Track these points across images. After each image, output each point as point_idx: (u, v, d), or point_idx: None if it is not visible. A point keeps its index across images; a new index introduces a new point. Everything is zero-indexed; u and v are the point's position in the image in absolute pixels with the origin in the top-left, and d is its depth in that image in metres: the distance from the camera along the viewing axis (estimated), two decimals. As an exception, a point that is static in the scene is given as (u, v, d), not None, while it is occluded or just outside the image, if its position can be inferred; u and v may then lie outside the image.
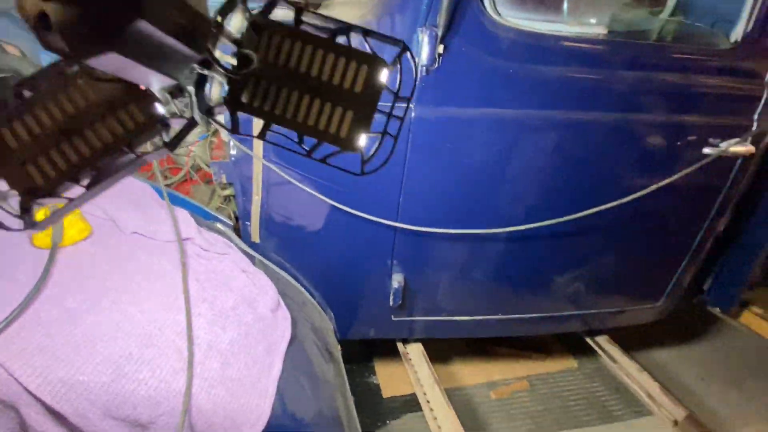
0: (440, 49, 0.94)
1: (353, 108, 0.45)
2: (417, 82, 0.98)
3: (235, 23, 0.43)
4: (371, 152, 0.48)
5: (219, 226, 1.16)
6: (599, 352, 1.88)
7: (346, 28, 0.45)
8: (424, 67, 0.95)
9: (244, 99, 0.45)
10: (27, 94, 0.44)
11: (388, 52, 0.44)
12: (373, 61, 0.44)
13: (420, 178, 1.12)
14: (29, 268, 0.71)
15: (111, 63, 0.34)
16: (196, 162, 1.48)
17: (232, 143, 1.11)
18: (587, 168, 1.21)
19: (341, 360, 1.18)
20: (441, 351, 1.84)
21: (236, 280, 0.97)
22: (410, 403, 1.63)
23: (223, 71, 0.43)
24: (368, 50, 0.44)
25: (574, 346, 1.99)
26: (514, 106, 1.07)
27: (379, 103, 0.44)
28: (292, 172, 1.09)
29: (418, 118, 1.04)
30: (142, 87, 0.43)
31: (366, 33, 0.46)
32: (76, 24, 0.31)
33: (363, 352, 1.88)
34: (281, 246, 1.21)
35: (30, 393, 0.61)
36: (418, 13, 0.94)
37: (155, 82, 0.41)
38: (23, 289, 0.68)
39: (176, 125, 0.46)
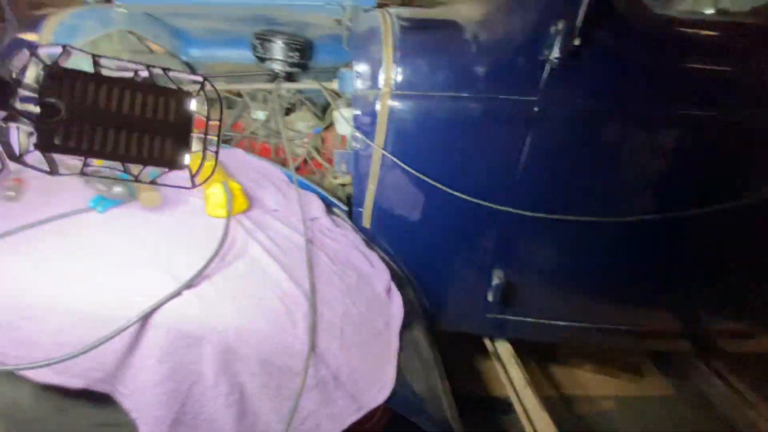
0: (577, 41, 0.93)
1: (172, 134, 0.51)
2: (546, 76, 0.99)
3: (31, 75, 0.46)
4: (198, 168, 0.55)
5: (336, 210, 1.26)
6: (710, 378, 1.68)
7: (147, 67, 0.49)
8: (557, 60, 0.95)
9: (57, 141, 0.48)
10: None
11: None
12: (179, 94, 0.50)
13: (539, 167, 1.12)
14: (208, 234, 0.84)
15: None
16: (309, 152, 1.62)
17: (355, 136, 1.20)
18: (721, 163, 1.11)
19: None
20: (520, 356, 1.79)
21: (356, 258, 1.05)
22: (496, 403, 1.61)
23: (29, 122, 0.45)
24: (173, 85, 0.49)
25: (670, 368, 1.81)
26: (647, 99, 1.03)
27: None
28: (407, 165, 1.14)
29: (543, 111, 1.04)
30: None
31: (166, 70, 0.51)
32: None
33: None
34: (387, 232, 1.27)
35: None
36: (553, 4, 0.94)
37: None
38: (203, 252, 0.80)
39: None
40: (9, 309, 0.66)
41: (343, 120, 1.41)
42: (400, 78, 1.05)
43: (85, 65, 0.51)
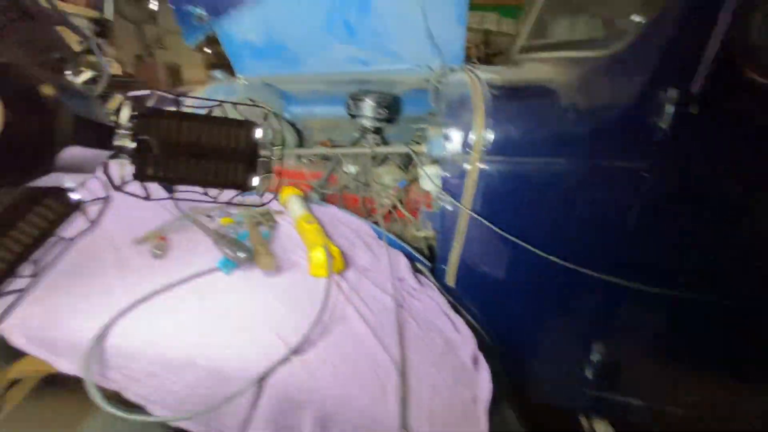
0: (694, 110, 0.85)
1: (241, 160, 0.56)
2: (655, 142, 0.92)
3: (125, 116, 0.51)
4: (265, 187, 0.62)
5: (419, 266, 1.28)
6: None
7: (220, 103, 0.56)
8: (669, 128, 0.88)
9: (149, 172, 0.55)
10: None
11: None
12: (246, 125, 0.55)
13: (644, 235, 1.02)
14: (311, 296, 0.92)
15: (49, 180, 0.40)
16: (392, 202, 1.69)
17: (441, 196, 1.23)
18: None
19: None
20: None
21: (441, 322, 1.04)
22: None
23: (129, 157, 0.51)
24: (240, 117, 0.55)
25: None
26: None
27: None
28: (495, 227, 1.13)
29: (652, 178, 0.96)
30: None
31: (235, 104, 0.59)
32: (17, 162, 0.37)
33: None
34: (473, 292, 1.25)
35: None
36: (664, 70, 0.88)
37: (74, 182, 0.46)
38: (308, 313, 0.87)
39: (93, 205, 0.54)
40: (153, 361, 0.78)
41: (428, 177, 1.45)
42: (491, 143, 1.06)
43: None
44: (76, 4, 4.27)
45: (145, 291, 0.87)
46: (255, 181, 0.62)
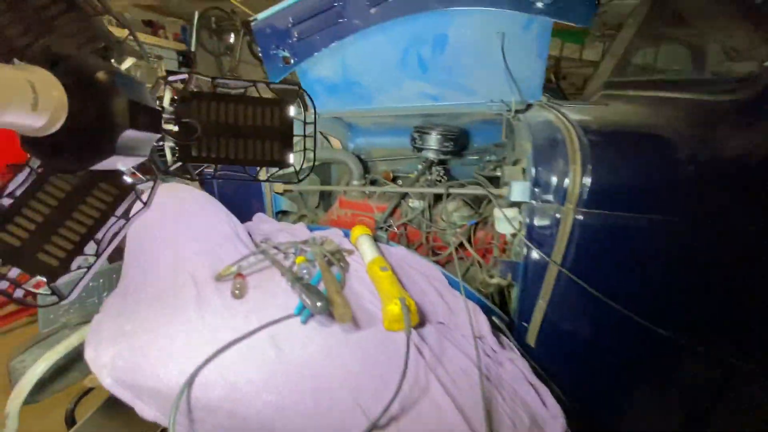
0: None
1: (277, 138, 0.58)
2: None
3: (167, 100, 0.53)
4: (301, 164, 0.62)
5: (495, 320, 1.18)
6: None
7: (253, 84, 0.57)
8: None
9: (193, 153, 0.57)
10: (6, 201, 0.52)
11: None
12: (280, 103, 0.56)
13: None
14: (389, 353, 0.87)
15: (108, 163, 0.41)
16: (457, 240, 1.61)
17: (522, 244, 1.13)
18: None
19: None
20: None
21: (526, 394, 0.92)
22: None
23: (174, 141, 0.53)
24: (273, 96, 0.56)
25: None
26: None
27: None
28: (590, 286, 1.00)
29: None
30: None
31: (269, 84, 0.60)
32: (81, 146, 0.39)
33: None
34: (558, 357, 1.12)
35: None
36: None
37: (128, 165, 0.48)
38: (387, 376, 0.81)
39: (145, 187, 0.55)
40: (233, 414, 0.75)
41: (508, 223, 1.36)
42: (589, 194, 0.96)
43: None
44: (167, 38, 4.80)
45: (227, 336, 0.86)
46: (291, 158, 0.64)
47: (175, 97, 0.59)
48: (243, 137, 0.62)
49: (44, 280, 0.54)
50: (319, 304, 0.84)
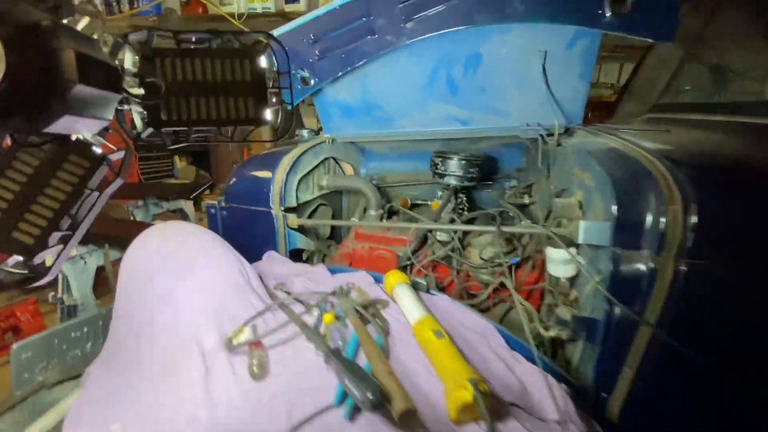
0: None
1: (250, 93, 0.57)
2: None
3: (129, 60, 0.49)
4: (278, 122, 0.60)
5: (564, 386, 0.97)
6: None
7: (218, 35, 0.56)
8: None
9: (163, 117, 0.54)
10: None
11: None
12: (250, 53, 0.56)
13: None
14: None
15: (64, 124, 0.38)
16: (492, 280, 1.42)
17: (597, 296, 0.94)
18: None
19: None
20: None
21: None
22: None
23: (139, 101, 0.51)
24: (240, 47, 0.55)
25: None
26: None
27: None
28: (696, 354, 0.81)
29: None
30: (73, 138, 0.48)
31: (235, 34, 0.59)
32: (30, 105, 0.35)
33: None
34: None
35: None
36: None
37: (89, 128, 0.44)
38: None
39: (115, 158, 0.51)
40: None
41: (562, 263, 1.18)
42: (696, 242, 0.78)
43: None
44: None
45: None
46: (268, 114, 0.58)
47: (137, 57, 0.53)
48: (214, 95, 0.57)
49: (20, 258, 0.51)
50: (370, 396, 0.63)
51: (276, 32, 1.28)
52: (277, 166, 1.41)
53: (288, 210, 1.44)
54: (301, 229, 1.52)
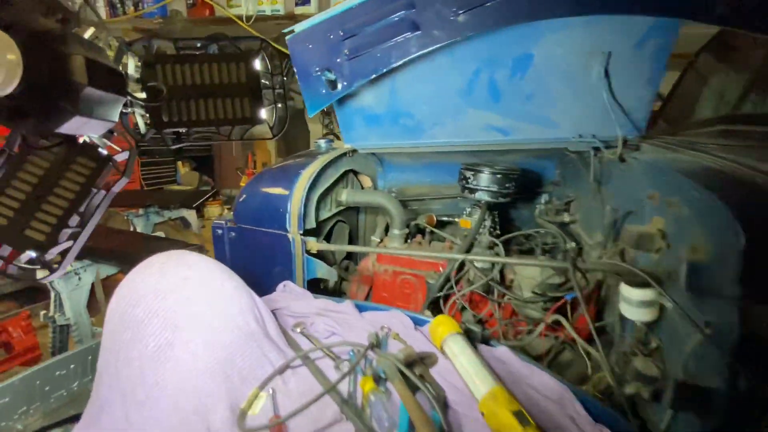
0: None
1: (246, 94, 0.64)
2: None
3: (131, 66, 0.56)
4: (273, 120, 0.73)
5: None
6: None
7: (215, 39, 0.65)
8: None
9: (165, 118, 0.62)
10: None
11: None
12: (244, 57, 0.61)
13: None
14: None
15: (74, 124, 0.42)
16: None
17: (699, 354, 0.74)
18: None
19: None
20: None
21: None
22: None
23: (142, 104, 0.60)
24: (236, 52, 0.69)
25: None
26: None
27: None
28: None
29: None
30: (80, 140, 0.52)
31: (231, 39, 0.64)
32: (44, 106, 0.39)
33: None
34: None
35: None
36: None
37: (97, 129, 0.47)
38: None
39: (119, 158, 0.55)
40: None
41: (642, 305, 0.98)
42: None
43: None
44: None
45: None
46: (263, 113, 0.60)
47: (139, 63, 0.59)
48: (212, 97, 0.63)
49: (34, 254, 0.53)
50: None
51: (298, 27, 1.09)
52: (294, 182, 1.22)
53: (307, 233, 1.24)
54: (320, 254, 1.32)
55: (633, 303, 0.98)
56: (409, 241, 1.74)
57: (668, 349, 0.94)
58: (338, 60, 1.12)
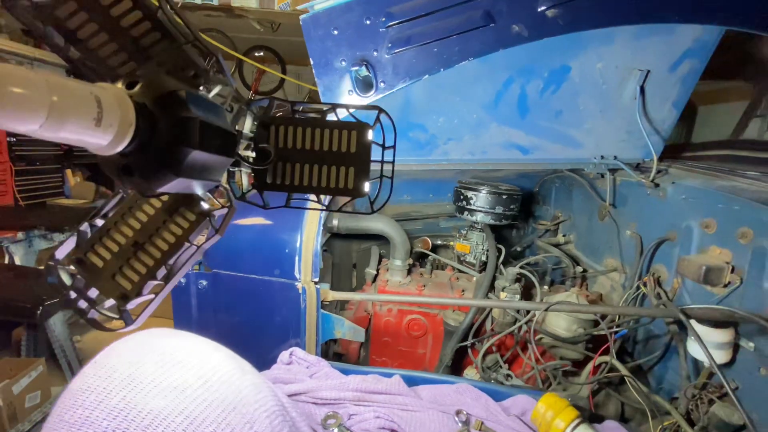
0: None
1: (353, 164, 0.56)
2: None
3: (247, 126, 0.53)
4: (376, 194, 0.58)
5: None
6: None
7: (332, 108, 0.57)
8: None
9: (268, 180, 0.57)
10: (99, 222, 0.54)
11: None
12: (359, 126, 0.55)
13: None
14: None
15: (176, 185, 0.41)
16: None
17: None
18: None
19: None
20: None
21: None
22: None
23: (250, 166, 0.54)
24: (353, 120, 0.56)
25: None
26: None
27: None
28: None
29: None
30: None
31: (349, 107, 0.58)
32: (149, 166, 0.39)
33: None
34: None
35: None
36: None
37: (201, 188, 0.47)
38: None
39: (218, 214, 0.55)
40: None
41: (717, 346, 0.89)
42: None
43: None
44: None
45: None
46: (366, 186, 0.57)
47: (255, 123, 0.55)
48: (318, 163, 0.58)
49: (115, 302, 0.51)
50: None
51: (319, 4, 0.80)
52: (303, 215, 0.91)
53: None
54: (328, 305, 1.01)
55: (710, 344, 0.89)
56: (412, 272, 1.51)
57: (748, 394, 0.86)
58: (376, 53, 0.85)
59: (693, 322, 0.92)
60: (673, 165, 1.25)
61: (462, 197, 1.57)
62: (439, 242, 1.77)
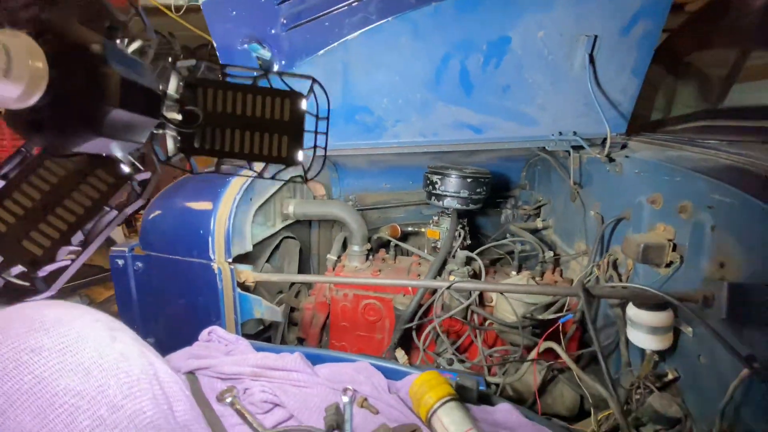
0: None
1: (287, 133, 0.55)
2: None
3: (172, 86, 0.50)
4: (309, 164, 0.58)
5: None
6: None
7: (264, 74, 0.55)
8: None
9: (196, 144, 0.53)
10: None
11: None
12: (292, 95, 0.55)
13: None
14: None
15: (96, 145, 0.39)
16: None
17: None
18: None
19: None
20: None
21: None
22: None
23: (176, 128, 0.50)
24: (286, 88, 0.55)
25: None
26: None
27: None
28: None
29: None
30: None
31: (281, 74, 0.57)
32: (64, 123, 0.36)
33: None
34: None
35: None
36: None
37: (122, 149, 0.45)
38: None
39: (140, 178, 0.53)
40: None
41: (653, 331, 0.82)
42: None
43: None
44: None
45: None
46: (300, 155, 0.57)
47: (181, 83, 0.52)
48: (249, 130, 0.56)
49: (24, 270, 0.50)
50: None
51: (217, -14, 0.81)
52: (220, 193, 0.93)
53: (240, 259, 0.95)
54: (258, 287, 1.03)
55: (643, 329, 0.82)
56: (371, 257, 1.50)
57: (688, 384, 0.79)
58: (272, 30, 0.85)
59: (630, 306, 0.85)
60: (634, 138, 1.15)
61: (430, 182, 1.54)
62: (410, 229, 1.74)
